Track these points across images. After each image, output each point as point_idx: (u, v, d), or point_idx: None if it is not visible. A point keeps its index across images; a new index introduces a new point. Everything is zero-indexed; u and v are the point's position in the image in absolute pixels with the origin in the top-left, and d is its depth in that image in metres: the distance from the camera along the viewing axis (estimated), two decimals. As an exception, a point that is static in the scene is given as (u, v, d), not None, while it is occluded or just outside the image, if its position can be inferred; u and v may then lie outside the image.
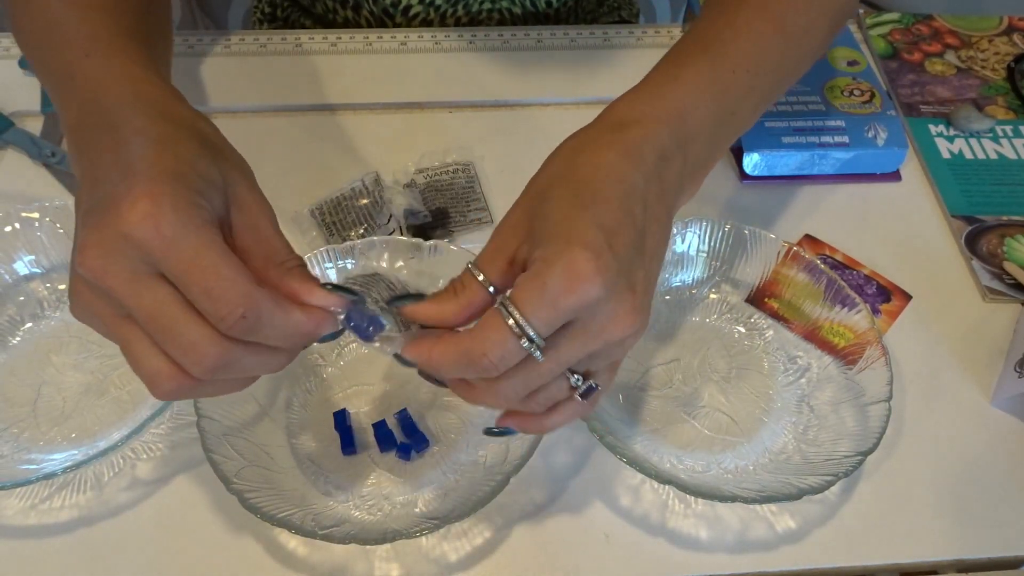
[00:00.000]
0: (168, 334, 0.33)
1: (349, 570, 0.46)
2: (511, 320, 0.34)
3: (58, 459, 0.48)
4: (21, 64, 0.70)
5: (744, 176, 0.66)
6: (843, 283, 0.55)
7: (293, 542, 0.47)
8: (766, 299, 0.57)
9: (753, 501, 0.46)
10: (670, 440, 0.52)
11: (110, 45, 0.42)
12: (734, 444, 0.52)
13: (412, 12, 0.78)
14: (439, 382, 0.40)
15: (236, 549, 0.47)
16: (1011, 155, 0.69)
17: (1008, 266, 0.61)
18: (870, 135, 0.66)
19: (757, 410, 0.53)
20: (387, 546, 0.47)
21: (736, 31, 0.46)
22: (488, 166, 0.65)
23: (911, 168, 0.68)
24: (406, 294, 0.38)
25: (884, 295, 0.60)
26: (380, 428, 0.51)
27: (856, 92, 0.69)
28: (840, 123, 0.66)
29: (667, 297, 0.58)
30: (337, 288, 0.37)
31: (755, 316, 0.57)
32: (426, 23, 0.79)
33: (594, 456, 0.51)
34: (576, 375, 0.37)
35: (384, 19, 0.79)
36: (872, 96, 0.69)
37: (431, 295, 0.38)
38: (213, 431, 0.47)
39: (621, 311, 0.35)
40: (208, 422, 0.47)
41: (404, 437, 0.51)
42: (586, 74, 0.73)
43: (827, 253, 0.62)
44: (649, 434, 0.52)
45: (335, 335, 0.38)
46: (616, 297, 0.35)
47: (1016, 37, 0.78)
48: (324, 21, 0.83)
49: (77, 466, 0.46)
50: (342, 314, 0.37)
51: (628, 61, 0.46)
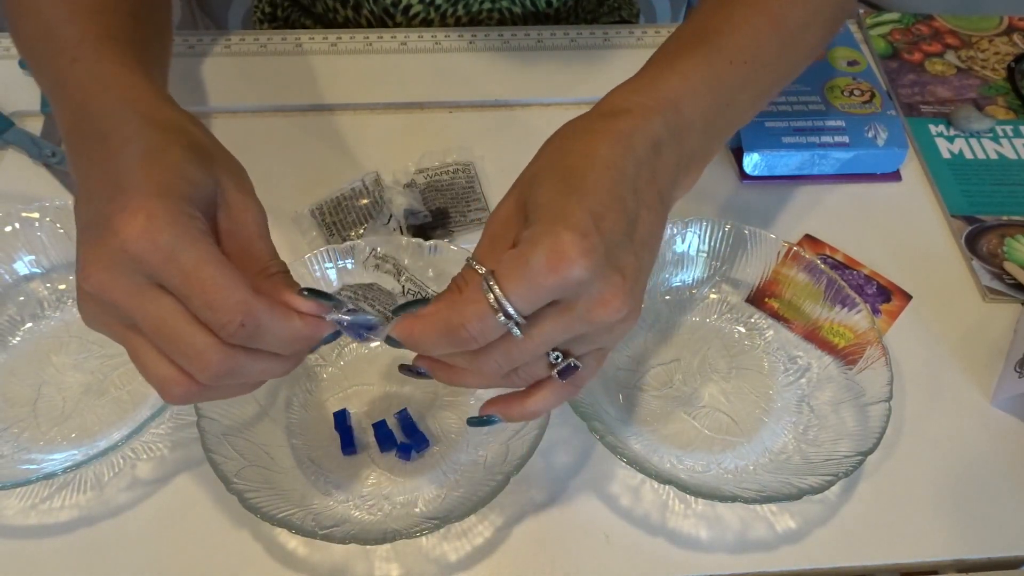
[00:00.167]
0: (173, 344, 0.34)
1: (349, 570, 0.46)
2: (491, 295, 0.34)
3: (58, 459, 0.48)
4: (21, 64, 0.70)
5: (744, 176, 0.66)
6: (843, 283, 0.55)
7: (293, 542, 0.47)
8: (766, 299, 0.57)
9: (753, 501, 0.46)
10: (670, 440, 0.52)
11: (97, 49, 0.42)
12: (734, 444, 0.52)
13: (412, 12, 0.78)
14: (420, 373, 0.40)
15: (236, 549, 0.47)
16: (1011, 155, 0.69)
17: (1008, 266, 0.61)
18: (870, 135, 0.66)
19: (757, 410, 0.53)
20: (387, 546, 0.47)
21: (732, 24, 0.46)
22: (488, 166, 0.65)
23: (911, 168, 0.68)
24: (410, 301, 0.38)
25: (884, 295, 0.60)
26: (380, 428, 0.51)
27: (856, 92, 0.69)
28: (840, 123, 0.66)
29: (667, 297, 0.58)
30: (314, 293, 0.37)
31: (755, 316, 0.57)
32: (426, 23, 0.79)
33: (594, 456, 0.51)
34: (556, 352, 0.37)
35: (384, 19, 0.79)
36: (872, 96, 0.69)
37: (435, 297, 0.38)
38: (213, 431, 0.47)
39: (608, 294, 0.35)
40: (208, 422, 0.47)
41: (404, 437, 0.51)
42: (586, 74, 0.73)
43: (827, 253, 0.62)
44: (649, 434, 0.52)
45: (332, 337, 0.38)
46: (603, 279, 0.35)
47: (1016, 37, 0.78)
48: (324, 21, 0.83)
49: (77, 466, 0.46)
50: (344, 318, 0.37)
51: (628, 61, 0.46)
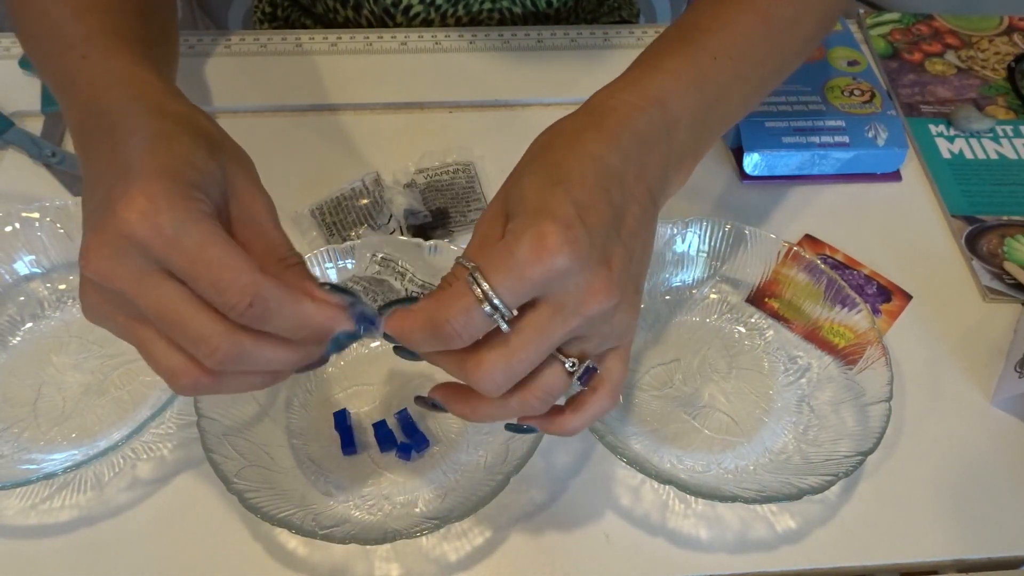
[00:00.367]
0: (179, 329, 0.33)
1: (349, 570, 0.46)
2: (476, 288, 0.34)
3: (58, 459, 0.48)
4: (21, 64, 0.70)
5: (744, 176, 0.66)
6: (843, 283, 0.55)
7: (293, 542, 0.47)
8: (766, 299, 0.57)
9: (753, 501, 0.46)
10: (670, 440, 0.52)
11: (106, 46, 0.42)
12: (734, 444, 0.52)
13: (413, 12, 0.78)
14: (435, 405, 0.40)
15: (236, 549, 0.47)
16: (1011, 155, 0.69)
17: (1008, 266, 0.61)
18: (870, 135, 0.66)
19: (757, 410, 0.53)
20: (387, 546, 0.47)
21: (720, 22, 0.46)
22: (488, 166, 0.65)
23: (911, 168, 0.68)
24: (402, 298, 0.38)
25: (884, 295, 0.60)
26: (380, 428, 0.51)
27: (856, 92, 0.69)
28: (840, 123, 0.66)
29: (667, 297, 0.58)
30: (335, 289, 0.37)
31: (755, 316, 0.57)
32: (426, 23, 0.79)
33: (594, 456, 0.51)
34: (571, 359, 0.37)
35: (384, 19, 0.79)
36: (872, 96, 0.69)
37: (426, 295, 0.37)
38: (213, 431, 0.47)
39: (597, 284, 0.35)
40: (208, 422, 0.47)
41: (404, 437, 0.51)
42: (586, 74, 0.73)
43: (827, 253, 0.62)
44: (649, 434, 0.52)
45: (347, 340, 0.37)
46: (589, 270, 0.34)
47: (1016, 37, 0.78)
48: (324, 21, 0.83)
49: (77, 466, 0.46)
50: (355, 311, 0.37)
51: (628, 61, 0.46)
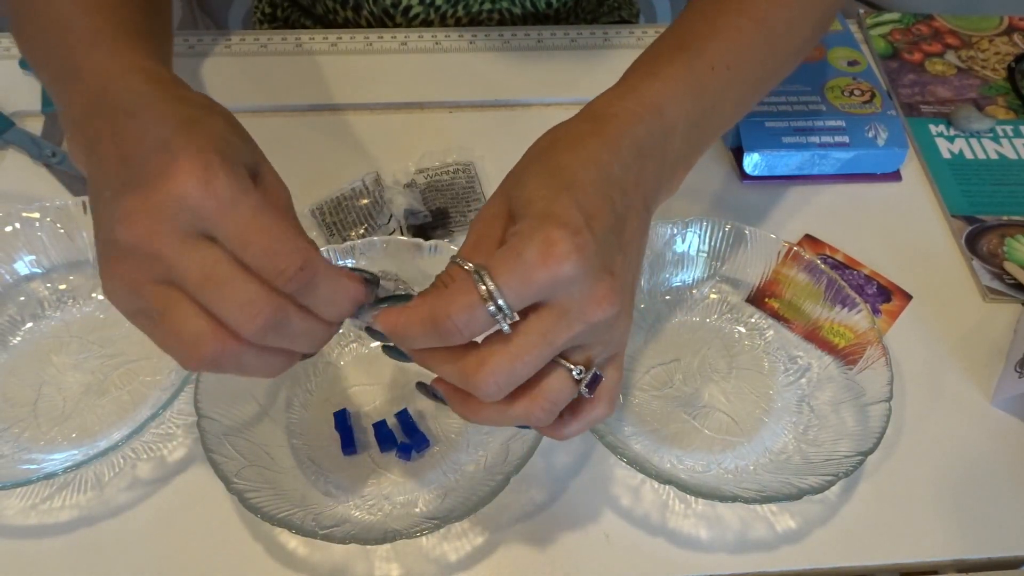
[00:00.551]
0: (222, 291, 0.33)
1: (349, 570, 0.46)
2: (482, 286, 0.33)
3: (58, 459, 0.48)
4: (21, 64, 0.70)
5: (744, 176, 0.66)
6: (843, 283, 0.55)
7: (293, 542, 0.47)
8: (766, 299, 0.57)
9: (753, 501, 0.46)
10: (670, 440, 0.52)
11: (115, 40, 0.42)
12: (734, 444, 0.52)
13: (412, 13, 0.78)
14: (436, 395, 0.40)
15: (236, 549, 0.47)
16: (1011, 155, 0.69)
17: (1008, 266, 0.61)
18: (870, 135, 0.66)
19: (757, 410, 0.53)
20: (387, 546, 0.47)
21: (715, 28, 0.46)
22: (488, 166, 0.65)
23: (911, 168, 0.68)
24: (392, 295, 0.38)
25: (884, 295, 0.60)
26: (380, 428, 0.51)
27: (856, 92, 0.69)
28: (840, 123, 0.66)
29: (667, 297, 0.58)
30: (355, 271, 0.37)
31: (755, 316, 0.57)
32: (426, 24, 0.79)
33: (594, 456, 0.51)
34: (578, 367, 0.36)
35: (384, 19, 0.79)
36: (872, 96, 0.69)
37: (420, 293, 0.37)
38: (213, 431, 0.47)
39: (600, 291, 0.35)
40: (208, 422, 0.47)
41: (404, 437, 0.51)
42: (586, 74, 0.73)
43: (827, 253, 0.62)
44: (649, 434, 0.52)
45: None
46: (593, 276, 0.34)
47: (1016, 37, 0.78)
48: (324, 22, 0.83)
49: (77, 466, 0.46)
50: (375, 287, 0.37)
51: (628, 61, 0.46)
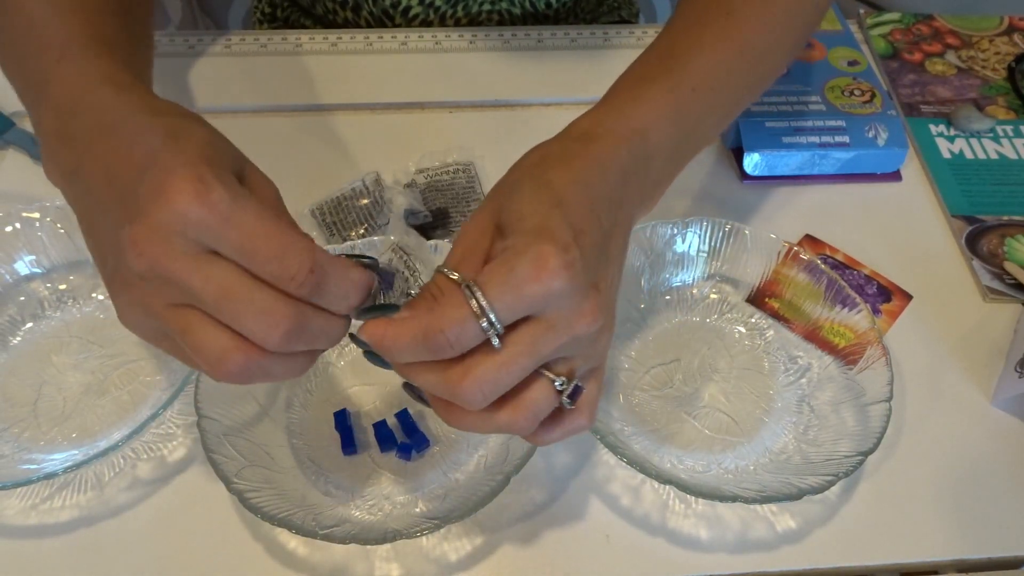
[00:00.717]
0: (240, 305, 0.33)
1: (349, 570, 0.46)
2: (473, 301, 0.34)
3: (59, 459, 0.48)
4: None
5: (744, 176, 0.66)
6: (843, 283, 0.55)
7: (293, 542, 0.47)
8: (766, 299, 0.57)
9: (753, 501, 0.46)
10: (670, 440, 0.52)
11: (85, 47, 0.41)
12: (734, 444, 0.52)
13: (412, 13, 0.78)
14: (422, 397, 0.40)
15: (236, 549, 0.47)
16: (1012, 155, 0.69)
17: (1008, 266, 0.61)
18: (870, 135, 0.66)
19: (757, 410, 0.53)
20: (387, 546, 0.47)
21: (700, 50, 0.47)
22: (488, 166, 0.65)
23: (912, 168, 0.68)
24: (378, 305, 0.38)
25: (884, 295, 0.60)
26: (380, 428, 0.51)
27: (856, 92, 0.69)
28: (840, 123, 0.66)
29: (667, 297, 0.58)
30: (351, 257, 0.37)
31: (755, 316, 0.57)
32: (425, 24, 0.79)
33: (594, 456, 0.51)
34: (560, 378, 0.37)
35: (384, 20, 0.79)
36: (872, 96, 0.69)
37: (406, 304, 0.37)
38: (213, 431, 0.47)
39: (586, 307, 0.35)
40: (208, 422, 0.47)
41: (404, 437, 0.51)
42: (586, 74, 0.73)
43: (827, 253, 0.62)
44: (649, 434, 0.52)
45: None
46: (580, 293, 0.35)
47: (1016, 37, 0.78)
48: (324, 22, 0.83)
49: (78, 466, 0.46)
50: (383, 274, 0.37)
51: (628, 61, 0.46)
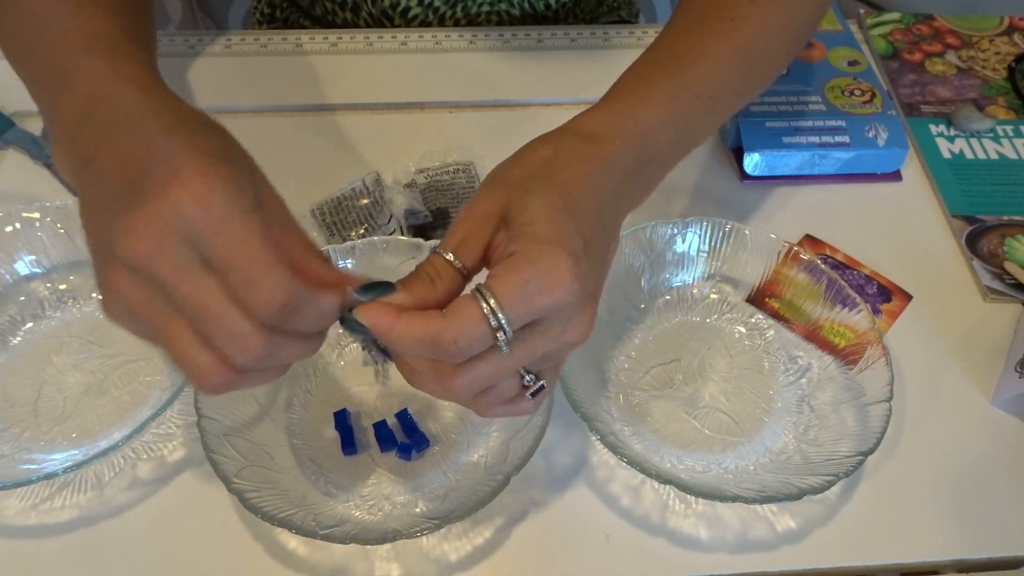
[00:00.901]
0: (216, 324, 0.33)
1: (349, 570, 0.46)
2: (487, 309, 0.34)
3: (59, 459, 0.48)
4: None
5: (744, 176, 0.66)
6: (843, 283, 0.55)
7: (293, 542, 0.47)
8: (766, 299, 0.57)
9: (754, 501, 0.46)
10: (670, 440, 0.52)
11: (115, 47, 0.41)
12: (734, 444, 0.52)
13: (411, 14, 0.78)
14: (383, 351, 0.40)
15: (236, 549, 0.47)
16: (1012, 155, 0.69)
17: (1009, 266, 0.61)
18: (871, 135, 0.66)
19: (758, 410, 0.53)
20: (387, 546, 0.47)
21: (702, 55, 0.47)
22: (488, 166, 0.64)
23: (912, 168, 0.68)
24: (374, 283, 0.37)
25: (885, 295, 0.60)
26: (380, 428, 0.51)
27: (857, 92, 0.69)
28: (841, 123, 0.66)
29: (667, 297, 0.58)
30: (368, 286, 0.37)
31: (755, 316, 0.57)
32: (425, 25, 0.79)
33: (594, 456, 0.51)
34: (529, 375, 0.38)
35: (383, 21, 0.79)
36: (873, 96, 0.69)
37: (402, 282, 0.37)
38: (213, 431, 0.47)
39: (585, 317, 0.36)
40: (208, 422, 0.47)
41: (404, 437, 0.51)
42: (586, 74, 0.73)
43: (827, 253, 0.62)
44: (649, 434, 0.52)
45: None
46: (583, 304, 0.36)
47: (1017, 37, 0.78)
48: (323, 23, 0.83)
49: (78, 466, 0.45)
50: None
51: (628, 61, 0.46)
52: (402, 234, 0.59)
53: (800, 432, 0.51)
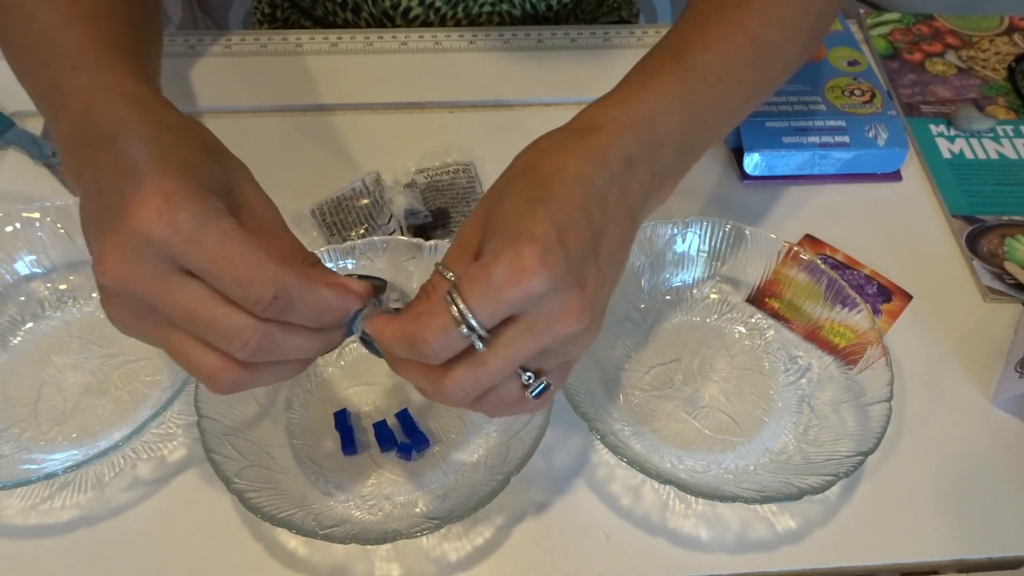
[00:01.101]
0: (208, 326, 0.34)
1: (350, 570, 0.46)
2: (454, 308, 0.34)
3: (59, 459, 0.48)
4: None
5: (744, 176, 0.66)
6: (844, 283, 0.55)
7: (293, 542, 0.47)
8: (767, 299, 0.57)
9: (754, 501, 0.46)
10: (670, 440, 0.52)
11: (98, 57, 0.41)
12: (735, 444, 0.52)
13: (412, 15, 0.78)
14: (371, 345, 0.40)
15: (236, 549, 0.47)
16: (1012, 155, 0.69)
17: (1009, 266, 0.61)
18: (871, 135, 0.66)
19: (758, 410, 0.53)
20: (387, 546, 0.47)
21: (708, 41, 0.47)
22: (488, 166, 0.65)
23: (912, 168, 0.68)
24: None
25: (885, 295, 0.60)
26: (380, 428, 0.51)
27: (857, 92, 0.69)
28: (841, 123, 0.66)
29: (667, 297, 0.58)
30: (363, 278, 0.38)
31: (756, 316, 0.57)
32: (425, 25, 0.79)
33: (594, 456, 0.51)
34: (528, 373, 0.37)
35: (384, 21, 0.79)
36: (873, 96, 0.69)
37: (408, 304, 0.38)
38: (213, 431, 0.47)
39: (570, 307, 0.35)
40: (208, 422, 0.47)
41: (404, 437, 0.51)
42: (586, 74, 0.73)
43: (828, 253, 0.62)
44: (649, 434, 0.52)
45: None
46: (564, 292, 0.35)
47: (1017, 37, 0.78)
48: (324, 23, 0.83)
49: (78, 466, 0.46)
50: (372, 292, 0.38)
51: (628, 61, 0.46)
52: (402, 234, 0.59)
53: (800, 432, 0.51)
